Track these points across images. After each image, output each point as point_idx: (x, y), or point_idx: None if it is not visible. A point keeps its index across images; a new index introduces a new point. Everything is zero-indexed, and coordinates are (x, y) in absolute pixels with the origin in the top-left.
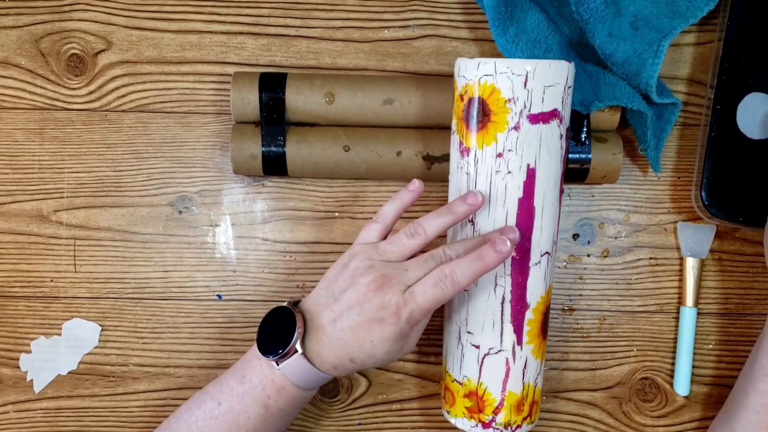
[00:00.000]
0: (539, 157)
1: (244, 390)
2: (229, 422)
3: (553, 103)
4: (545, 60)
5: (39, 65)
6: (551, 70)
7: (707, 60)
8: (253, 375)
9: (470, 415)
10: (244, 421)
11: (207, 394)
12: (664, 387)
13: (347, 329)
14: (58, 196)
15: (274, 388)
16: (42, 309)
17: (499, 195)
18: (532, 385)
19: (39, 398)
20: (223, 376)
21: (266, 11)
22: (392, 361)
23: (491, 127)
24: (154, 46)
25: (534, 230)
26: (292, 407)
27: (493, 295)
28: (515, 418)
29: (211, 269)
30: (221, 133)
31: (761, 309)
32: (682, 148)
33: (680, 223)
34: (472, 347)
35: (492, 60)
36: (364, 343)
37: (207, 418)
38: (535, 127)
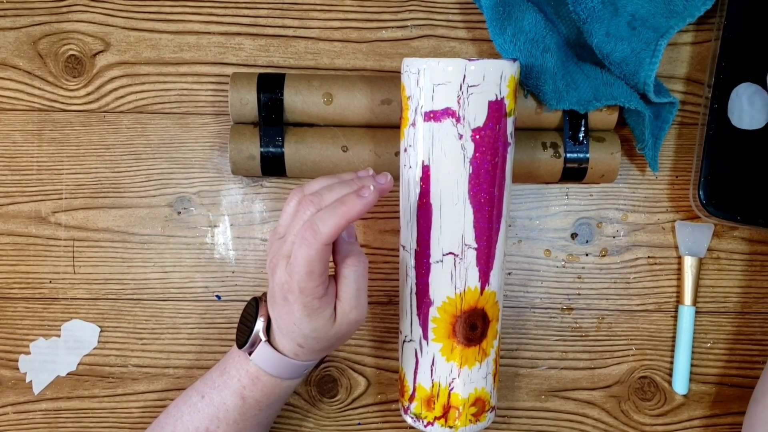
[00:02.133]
0: (433, 155)
1: (223, 381)
2: (210, 415)
3: (446, 101)
4: (439, 59)
5: (37, 66)
6: (441, 68)
7: (705, 59)
8: (232, 367)
9: (399, 396)
10: (224, 413)
11: (193, 389)
12: (663, 386)
13: (280, 317)
14: (56, 198)
15: (248, 378)
16: (41, 310)
17: (405, 189)
18: (445, 388)
19: (38, 399)
20: (210, 371)
21: (264, 12)
22: (336, 335)
23: (402, 123)
24: (152, 47)
25: (432, 228)
26: (269, 399)
27: (405, 283)
28: (426, 413)
29: (210, 270)
30: (219, 134)
31: (759, 307)
32: (679, 147)
33: (678, 222)
34: (400, 331)
35: (409, 59)
36: (293, 325)
37: (191, 412)
38: (428, 124)
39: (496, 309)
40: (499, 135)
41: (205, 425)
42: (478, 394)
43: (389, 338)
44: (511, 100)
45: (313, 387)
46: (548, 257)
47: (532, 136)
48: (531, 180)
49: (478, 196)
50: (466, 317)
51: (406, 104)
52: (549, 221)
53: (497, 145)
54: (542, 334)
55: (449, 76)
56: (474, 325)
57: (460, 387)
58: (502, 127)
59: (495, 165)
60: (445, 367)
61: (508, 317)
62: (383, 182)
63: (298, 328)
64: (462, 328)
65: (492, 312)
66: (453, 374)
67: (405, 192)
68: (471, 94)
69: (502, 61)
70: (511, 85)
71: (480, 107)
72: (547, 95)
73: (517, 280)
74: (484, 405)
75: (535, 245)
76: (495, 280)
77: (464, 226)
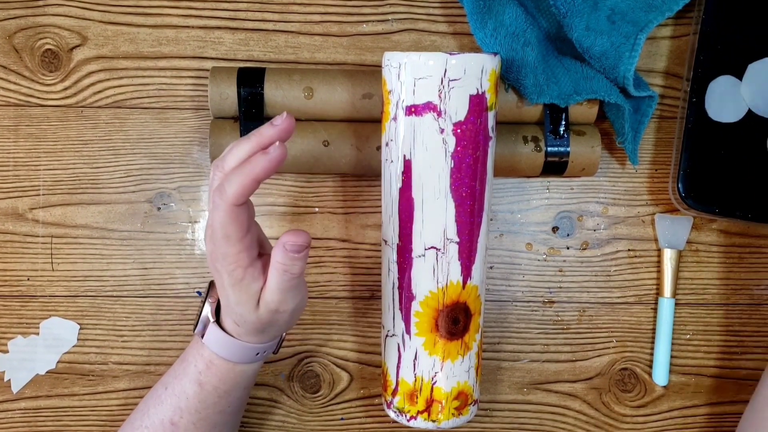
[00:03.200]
0: (414, 149)
1: (182, 369)
2: (173, 406)
3: (427, 95)
4: (421, 53)
5: (12, 61)
6: (422, 62)
7: (683, 53)
8: (189, 353)
9: (382, 391)
10: (185, 402)
11: (160, 381)
12: (643, 377)
13: (217, 288)
14: (34, 194)
15: (203, 363)
16: (19, 308)
17: (386, 183)
18: (428, 382)
19: (17, 398)
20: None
21: (244, 5)
22: (264, 316)
23: (383, 117)
24: (130, 41)
25: (414, 222)
26: (226, 385)
27: (388, 278)
28: (408, 407)
29: (191, 266)
30: (199, 129)
31: (737, 299)
32: (659, 140)
33: (658, 215)
34: (382, 326)
35: (390, 53)
36: (224, 297)
37: (156, 404)
38: (409, 119)
39: (478, 303)
40: (480, 129)
41: (169, 417)
42: (460, 388)
43: (372, 333)
44: (492, 94)
45: (296, 383)
46: (530, 251)
47: (513, 130)
48: (512, 174)
49: (459, 190)
50: (449, 311)
51: (387, 98)
52: (530, 215)
53: (479, 139)
54: (524, 327)
55: (430, 70)
56: (456, 319)
57: (442, 381)
58: (484, 121)
59: (476, 159)
60: (428, 362)
61: (490, 311)
62: (278, 123)
63: (227, 299)
64: (444, 322)
65: (474, 306)
66: (436, 368)
67: (387, 186)
68: (452, 88)
69: (483, 55)
70: (492, 79)
71: (461, 101)
72: (527, 89)
73: (499, 273)
74: (466, 398)
75: (517, 239)
76: (477, 274)
77: (446, 220)
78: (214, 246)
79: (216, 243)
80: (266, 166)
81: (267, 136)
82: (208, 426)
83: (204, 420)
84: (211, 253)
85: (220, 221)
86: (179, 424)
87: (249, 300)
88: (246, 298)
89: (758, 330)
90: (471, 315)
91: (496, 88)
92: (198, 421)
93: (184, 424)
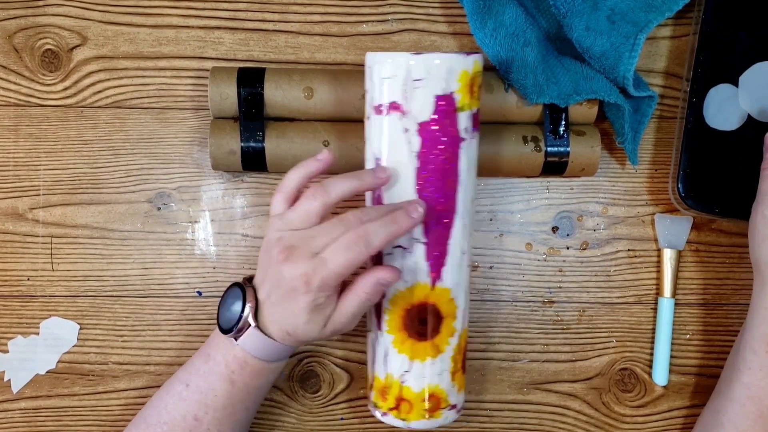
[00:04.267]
0: (382, 148)
1: (209, 368)
2: (198, 402)
3: (392, 95)
4: (387, 53)
5: (12, 61)
6: (387, 62)
7: (683, 53)
8: (217, 353)
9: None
10: (212, 399)
11: (176, 378)
12: (643, 377)
13: (276, 303)
14: (34, 194)
15: (236, 364)
16: (19, 308)
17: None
18: (397, 380)
19: (17, 398)
20: (191, 359)
21: (243, 6)
22: (324, 333)
23: (363, 117)
24: (130, 41)
25: None
26: (258, 381)
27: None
28: (381, 402)
29: (191, 266)
30: (199, 129)
31: (737, 299)
32: (658, 140)
33: (658, 215)
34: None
35: (369, 54)
36: (289, 315)
37: (176, 401)
38: (378, 118)
39: (452, 306)
40: (448, 130)
41: (193, 413)
42: (432, 390)
43: None
44: (464, 94)
45: (296, 382)
46: (529, 251)
47: (513, 130)
48: (512, 174)
49: (425, 191)
50: (417, 311)
51: (365, 98)
52: (530, 215)
53: (446, 139)
54: (524, 327)
55: (394, 70)
56: (424, 320)
57: (412, 380)
58: (452, 121)
59: (445, 160)
60: (397, 359)
61: (489, 311)
62: (422, 208)
63: (293, 320)
64: (412, 322)
65: (447, 309)
66: (404, 367)
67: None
68: (416, 88)
69: (451, 55)
70: (462, 79)
71: (426, 101)
72: (527, 89)
73: (499, 273)
74: (439, 402)
75: (517, 239)
76: (450, 277)
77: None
78: (315, 274)
79: (323, 273)
80: (409, 228)
81: (414, 205)
82: (232, 421)
83: (229, 416)
84: (299, 277)
85: (351, 262)
86: (203, 420)
87: (320, 321)
88: (318, 319)
89: None
90: (442, 318)
91: (470, 89)
92: (223, 417)
93: (209, 420)
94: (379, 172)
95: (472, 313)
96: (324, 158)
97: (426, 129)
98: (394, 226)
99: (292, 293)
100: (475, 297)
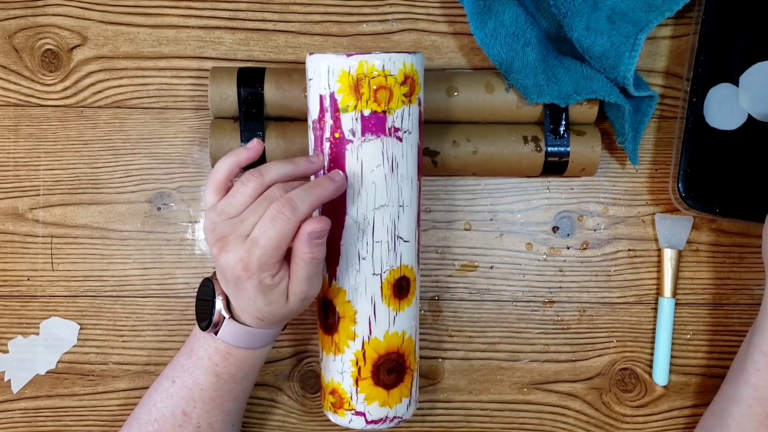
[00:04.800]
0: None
1: (193, 363)
2: (185, 397)
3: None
4: (314, 55)
5: (12, 61)
6: (311, 64)
7: (683, 53)
8: (199, 347)
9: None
10: (198, 393)
11: (163, 376)
12: (643, 377)
13: (233, 294)
14: (34, 194)
15: (219, 356)
16: (19, 308)
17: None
18: (318, 365)
19: (17, 398)
20: (176, 356)
21: (244, 5)
22: (292, 307)
23: None
24: (130, 41)
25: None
26: (243, 371)
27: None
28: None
29: (191, 266)
30: (199, 129)
31: (738, 299)
32: (659, 140)
33: (658, 214)
34: None
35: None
36: (247, 302)
37: (164, 398)
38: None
39: (349, 309)
40: (331, 129)
41: (181, 408)
42: (334, 386)
43: None
44: (347, 95)
45: (296, 383)
46: (530, 251)
47: (513, 130)
48: (512, 174)
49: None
50: (322, 303)
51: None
52: (530, 215)
53: (330, 139)
54: (524, 327)
55: (313, 72)
56: (326, 314)
57: (324, 369)
58: (336, 121)
59: (331, 160)
60: (318, 345)
61: (489, 311)
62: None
63: (254, 304)
64: (320, 313)
65: (342, 309)
66: (320, 354)
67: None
68: (310, 87)
69: (333, 55)
70: (344, 80)
71: (314, 100)
72: (527, 89)
73: (499, 273)
74: (342, 401)
75: (517, 239)
76: (346, 279)
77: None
78: (250, 256)
79: (257, 252)
80: (333, 192)
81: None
82: (221, 413)
83: (218, 408)
84: (237, 263)
85: (281, 233)
86: (192, 414)
87: (279, 298)
88: (276, 297)
89: None
90: (339, 317)
91: (355, 90)
92: (212, 409)
93: (197, 414)
94: (313, 158)
95: (473, 313)
96: (253, 146)
97: (315, 127)
98: (317, 189)
99: (238, 281)
100: (475, 297)
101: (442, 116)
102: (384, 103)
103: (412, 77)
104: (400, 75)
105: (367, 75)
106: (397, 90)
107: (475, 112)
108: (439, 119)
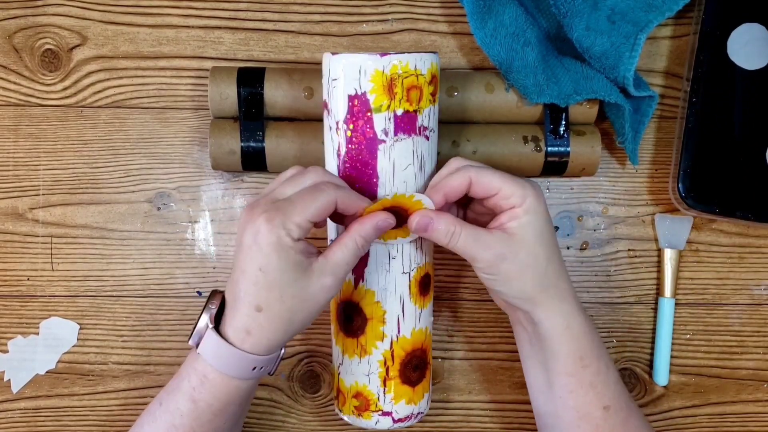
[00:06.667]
0: (323, 146)
1: (176, 384)
2: (167, 423)
3: (324, 94)
4: (340, 54)
5: (12, 61)
6: (338, 64)
7: (683, 53)
8: (184, 367)
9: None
10: (179, 419)
11: (157, 396)
12: (643, 377)
13: (242, 270)
14: (33, 194)
15: (197, 378)
16: (19, 308)
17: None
18: (336, 369)
19: (17, 398)
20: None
21: (244, 5)
22: (303, 300)
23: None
24: (130, 41)
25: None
26: (220, 402)
27: None
28: (332, 391)
29: (191, 266)
30: (199, 129)
31: (737, 299)
32: (659, 140)
33: (658, 214)
34: None
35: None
36: (249, 282)
37: (150, 422)
38: (325, 115)
39: (377, 310)
40: (364, 130)
41: None
42: (359, 389)
43: None
44: (380, 95)
45: (296, 383)
46: None
47: (513, 130)
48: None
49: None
50: (344, 306)
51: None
52: None
53: (360, 139)
54: None
55: (324, 69)
56: (349, 317)
57: (344, 373)
58: (367, 121)
59: (362, 160)
60: (336, 350)
61: (489, 311)
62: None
63: (254, 290)
64: (341, 316)
65: (370, 310)
66: (339, 359)
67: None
68: (334, 87)
69: (364, 55)
70: (377, 80)
71: (341, 101)
72: (527, 89)
73: None
74: (367, 403)
75: None
76: (375, 280)
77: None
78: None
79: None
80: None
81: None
82: None
83: None
84: (253, 221)
85: (322, 204)
86: None
87: (294, 266)
88: (291, 264)
89: (758, 330)
90: (366, 319)
91: (388, 90)
92: None
93: None
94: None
95: (473, 313)
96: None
97: (342, 127)
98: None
99: (252, 244)
100: (475, 297)
101: (442, 116)
102: (415, 103)
103: (436, 76)
104: (429, 74)
105: (400, 75)
106: (426, 89)
107: (475, 112)
108: (438, 119)
